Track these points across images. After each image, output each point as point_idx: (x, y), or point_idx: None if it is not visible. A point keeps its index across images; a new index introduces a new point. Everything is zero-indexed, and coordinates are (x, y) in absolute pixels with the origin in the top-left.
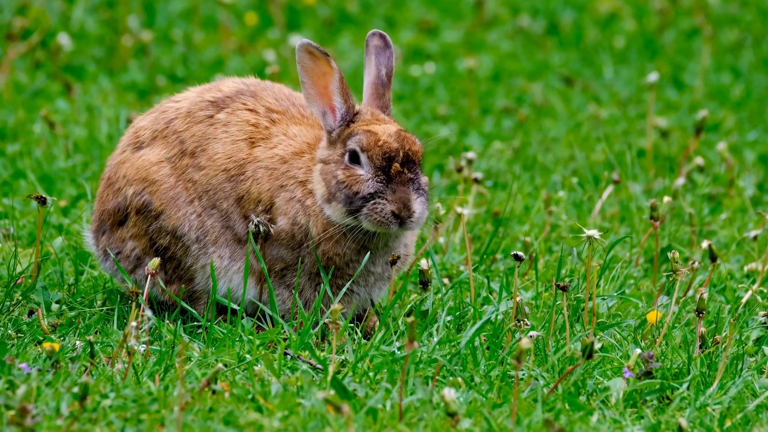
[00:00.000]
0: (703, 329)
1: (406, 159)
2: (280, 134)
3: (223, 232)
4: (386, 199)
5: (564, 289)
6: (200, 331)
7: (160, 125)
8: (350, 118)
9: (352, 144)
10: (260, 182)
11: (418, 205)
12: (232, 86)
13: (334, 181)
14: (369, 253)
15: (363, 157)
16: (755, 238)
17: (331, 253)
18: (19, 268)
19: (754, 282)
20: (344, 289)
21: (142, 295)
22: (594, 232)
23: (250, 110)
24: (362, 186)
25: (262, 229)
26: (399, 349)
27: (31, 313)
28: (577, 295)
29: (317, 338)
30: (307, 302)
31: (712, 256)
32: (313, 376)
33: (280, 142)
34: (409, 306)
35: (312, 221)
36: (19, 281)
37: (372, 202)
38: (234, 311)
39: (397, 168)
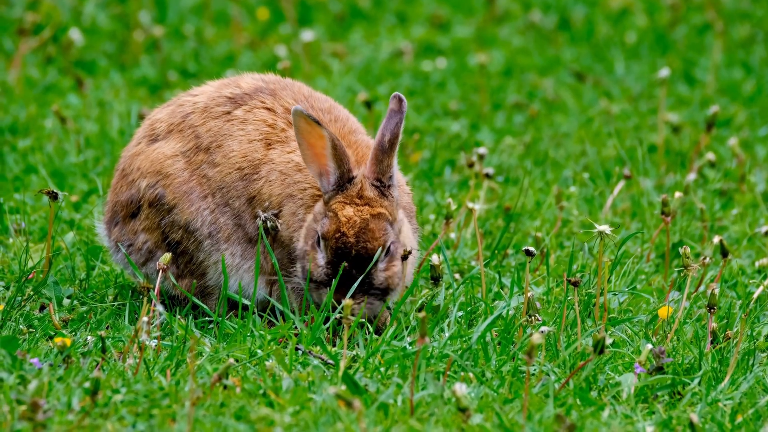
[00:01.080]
0: (714, 325)
1: (358, 257)
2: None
3: (236, 230)
4: (325, 289)
5: (575, 284)
6: (211, 326)
7: (176, 119)
8: (344, 182)
9: (318, 226)
10: (273, 185)
11: (355, 309)
12: (251, 83)
13: (305, 248)
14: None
15: (322, 244)
16: (767, 233)
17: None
18: (30, 263)
19: (765, 277)
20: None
21: (154, 289)
22: (605, 228)
23: (268, 109)
24: (314, 269)
25: (269, 224)
26: (410, 344)
27: (42, 308)
28: (589, 291)
29: (328, 334)
30: (313, 304)
31: (724, 252)
32: (325, 372)
33: (296, 148)
34: (420, 301)
35: (300, 245)
36: (30, 276)
37: (315, 286)
38: (245, 307)
39: (346, 267)
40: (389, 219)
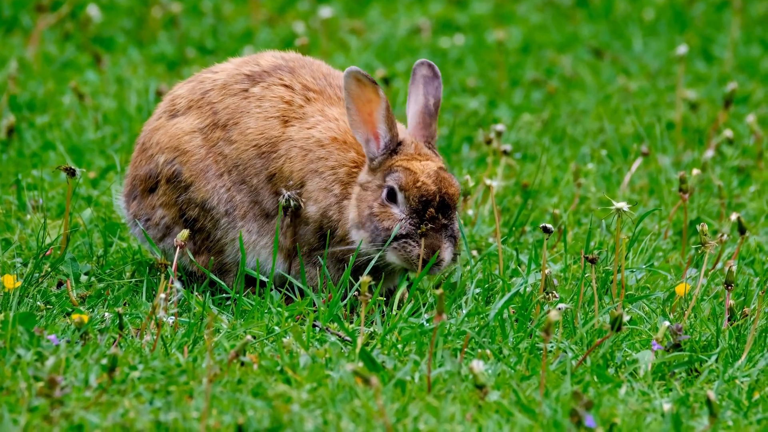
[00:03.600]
0: (731, 302)
1: (442, 203)
2: (317, 115)
3: (252, 207)
4: (417, 243)
5: (593, 261)
6: (229, 303)
7: (196, 95)
8: (393, 147)
9: (390, 181)
10: (293, 161)
11: (447, 254)
12: (271, 60)
13: (367, 212)
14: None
15: (400, 197)
16: None
17: (347, 255)
18: (48, 240)
19: None
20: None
21: (171, 266)
22: (623, 205)
23: (286, 86)
24: (394, 224)
25: (292, 203)
26: (428, 321)
27: (60, 284)
28: (606, 268)
29: (346, 310)
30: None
31: (741, 229)
32: (342, 348)
33: (317, 123)
34: (438, 278)
35: (341, 223)
36: (48, 253)
37: (403, 240)
38: (263, 284)
39: (431, 213)
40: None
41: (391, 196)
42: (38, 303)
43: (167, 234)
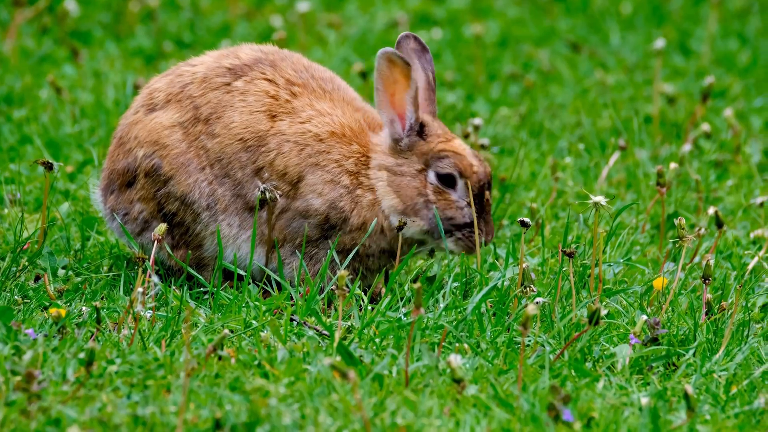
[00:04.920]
0: (709, 296)
1: (489, 185)
2: (308, 109)
3: (234, 201)
4: (481, 230)
5: (570, 255)
6: (207, 297)
7: (175, 88)
8: (417, 128)
9: (446, 167)
10: (287, 156)
11: (493, 228)
12: (250, 54)
13: (421, 199)
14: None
15: (460, 183)
16: (762, 204)
17: (359, 242)
18: (25, 234)
19: (760, 248)
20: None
21: (149, 260)
22: (601, 199)
23: (269, 80)
24: (457, 213)
25: (268, 195)
26: (405, 315)
27: (37, 278)
28: (584, 262)
29: (324, 304)
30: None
31: (719, 223)
32: (320, 342)
33: (311, 117)
34: (415, 272)
35: (356, 212)
36: (25, 247)
37: (468, 230)
38: (240, 277)
39: (487, 196)
40: None
41: (448, 182)
42: (16, 297)
43: (145, 228)
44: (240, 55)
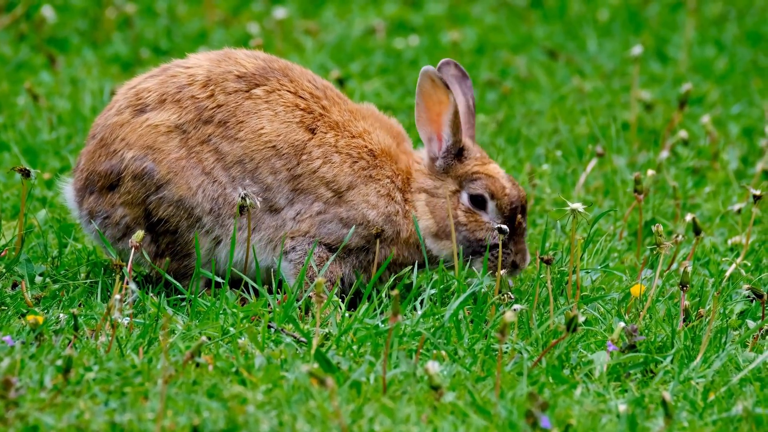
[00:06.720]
0: (686, 303)
1: (523, 209)
2: (354, 125)
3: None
4: (510, 250)
5: (548, 262)
6: (184, 304)
7: (170, 89)
8: (455, 151)
9: (477, 188)
10: (337, 166)
11: (528, 256)
12: (252, 62)
13: (452, 221)
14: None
15: (491, 205)
16: (739, 211)
17: (397, 254)
18: (2, 241)
19: (737, 255)
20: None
21: (128, 267)
22: (578, 206)
23: (292, 93)
24: (487, 234)
25: (248, 201)
26: (383, 322)
27: (14, 285)
28: (561, 269)
29: (301, 311)
30: (351, 282)
31: (696, 230)
32: (297, 349)
33: (361, 134)
34: (392, 279)
35: (407, 227)
36: (2, 254)
37: (487, 249)
38: (219, 285)
39: (519, 219)
40: None
41: (479, 203)
42: None
43: (127, 234)
44: (241, 62)
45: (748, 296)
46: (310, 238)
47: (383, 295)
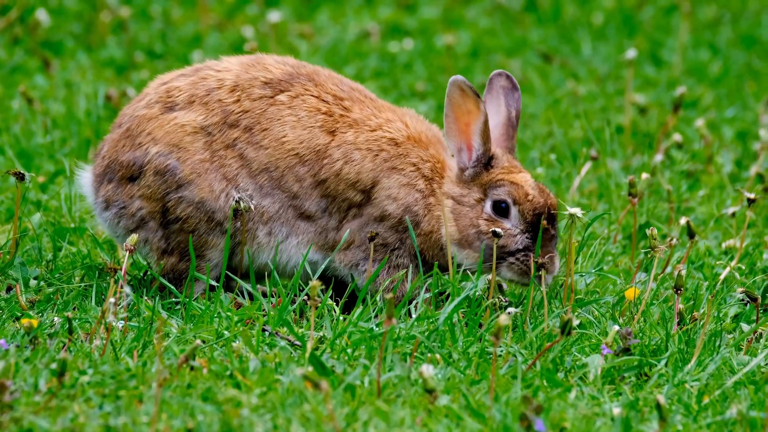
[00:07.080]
0: (681, 306)
1: (550, 214)
2: (374, 118)
3: (284, 211)
4: (533, 254)
5: (543, 265)
6: (178, 307)
7: (199, 91)
8: (485, 161)
9: (500, 194)
10: (359, 163)
11: (557, 262)
12: (280, 68)
13: (473, 230)
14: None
15: (513, 211)
16: (733, 214)
17: (422, 249)
18: None
19: (732, 259)
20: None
21: (121, 270)
22: (577, 210)
23: (316, 97)
24: (509, 240)
25: (242, 205)
26: (377, 325)
27: (9, 289)
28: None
29: (296, 314)
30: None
31: (690, 233)
32: (292, 353)
33: (381, 125)
34: (387, 282)
35: (427, 219)
36: None
37: (522, 254)
38: (213, 288)
39: (544, 224)
40: None
41: (502, 210)
42: None
43: (140, 226)
44: (269, 68)
45: (742, 299)
46: (362, 252)
47: (377, 298)
